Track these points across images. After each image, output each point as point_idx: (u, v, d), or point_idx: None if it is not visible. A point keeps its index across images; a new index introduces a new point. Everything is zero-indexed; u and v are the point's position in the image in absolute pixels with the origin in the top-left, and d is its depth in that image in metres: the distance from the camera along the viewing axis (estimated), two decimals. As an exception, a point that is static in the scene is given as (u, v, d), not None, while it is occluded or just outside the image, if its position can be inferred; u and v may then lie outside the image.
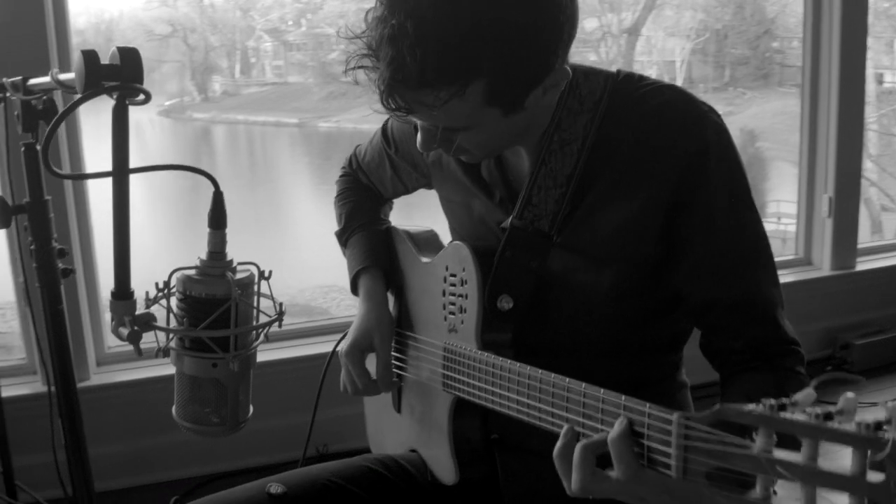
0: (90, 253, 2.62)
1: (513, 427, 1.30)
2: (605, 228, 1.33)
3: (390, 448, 1.70)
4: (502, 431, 1.46)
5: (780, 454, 0.84)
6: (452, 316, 1.45)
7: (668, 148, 1.30)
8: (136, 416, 2.61)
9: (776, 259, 1.37)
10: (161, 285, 1.28)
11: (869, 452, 0.77)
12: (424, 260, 1.58)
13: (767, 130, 4.66)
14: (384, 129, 1.70)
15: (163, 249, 4.00)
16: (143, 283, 1.29)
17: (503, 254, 1.39)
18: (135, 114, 1.21)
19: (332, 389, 1.72)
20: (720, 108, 1.37)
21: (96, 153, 2.69)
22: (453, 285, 1.46)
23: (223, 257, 1.29)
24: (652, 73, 4.60)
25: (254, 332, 1.31)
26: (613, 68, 1.40)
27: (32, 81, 1.59)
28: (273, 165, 5.07)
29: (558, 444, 1.10)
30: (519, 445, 1.45)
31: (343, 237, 1.75)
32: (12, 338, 2.77)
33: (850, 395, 0.81)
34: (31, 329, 2.39)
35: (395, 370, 1.60)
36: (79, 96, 1.18)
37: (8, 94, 1.69)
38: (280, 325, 1.33)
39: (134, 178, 1.23)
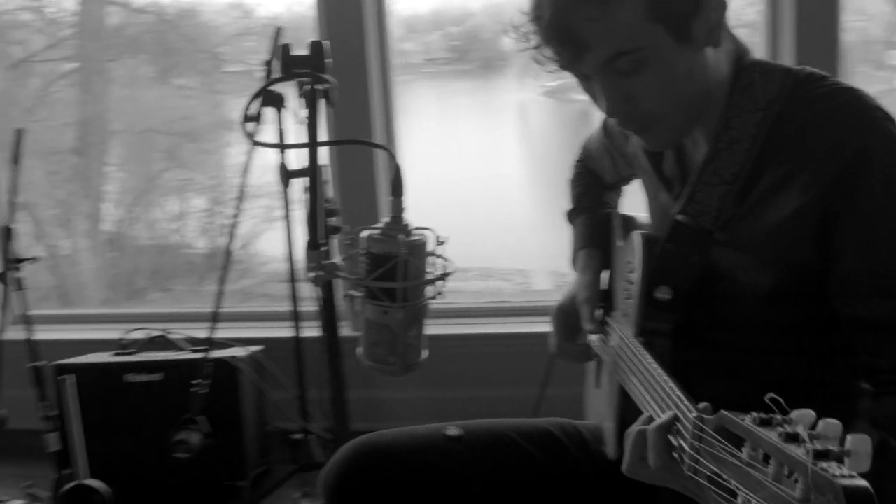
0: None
1: None
2: (764, 229, 1.32)
3: (591, 420, 1.80)
4: None
5: (756, 470, 0.85)
6: (627, 301, 1.53)
7: (831, 152, 1.26)
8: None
9: None
10: (349, 241, 1.51)
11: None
12: (620, 244, 1.66)
13: None
14: (604, 119, 1.80)
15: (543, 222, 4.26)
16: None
17: (665, 246, 1.42)
18: (520, 94, 1.40)
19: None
20: None
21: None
22: (630, 272, 1.53)
23: (401, 221, 1.48)
24: None
25: (424, 287, 1.49)
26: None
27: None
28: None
29: (632, 426, 1.18)
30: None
31: (570, 217, 1.88)
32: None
33: (835, 421, 0.80)
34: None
35: (596, 346, 1.70)
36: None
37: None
38: (444, 283, 1.50)
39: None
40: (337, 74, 2.68)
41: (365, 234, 1.49)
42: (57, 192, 4.20)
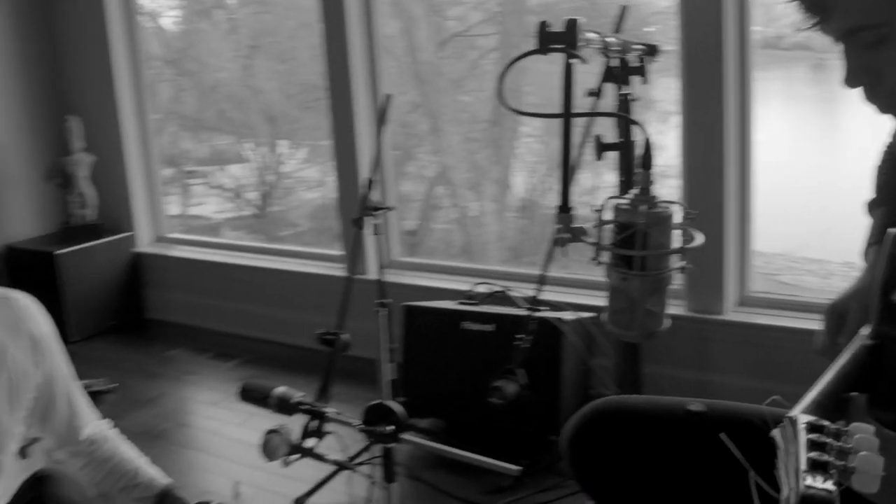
0: (748, 204, 2.89)
1: None
2: None
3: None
4: None
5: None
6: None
7: None
8: (753, 357, 2.86)
9: None
10: (597, 208, 1.59)
11: None
12: None
13: None
14: None
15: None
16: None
17: None
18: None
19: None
20: None
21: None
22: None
23: (648, 193, 1.53)
24: None
25: (666, 258, 1.54)
26: None
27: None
28: None
29: None
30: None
31: (869, 208, 1.78)
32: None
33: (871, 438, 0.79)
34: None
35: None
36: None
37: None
38: (683, 260, 1.53)
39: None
40: (693, 53, 2.73)
41: (612, 203, 1.56)
42: (472, 158, 4.58)
